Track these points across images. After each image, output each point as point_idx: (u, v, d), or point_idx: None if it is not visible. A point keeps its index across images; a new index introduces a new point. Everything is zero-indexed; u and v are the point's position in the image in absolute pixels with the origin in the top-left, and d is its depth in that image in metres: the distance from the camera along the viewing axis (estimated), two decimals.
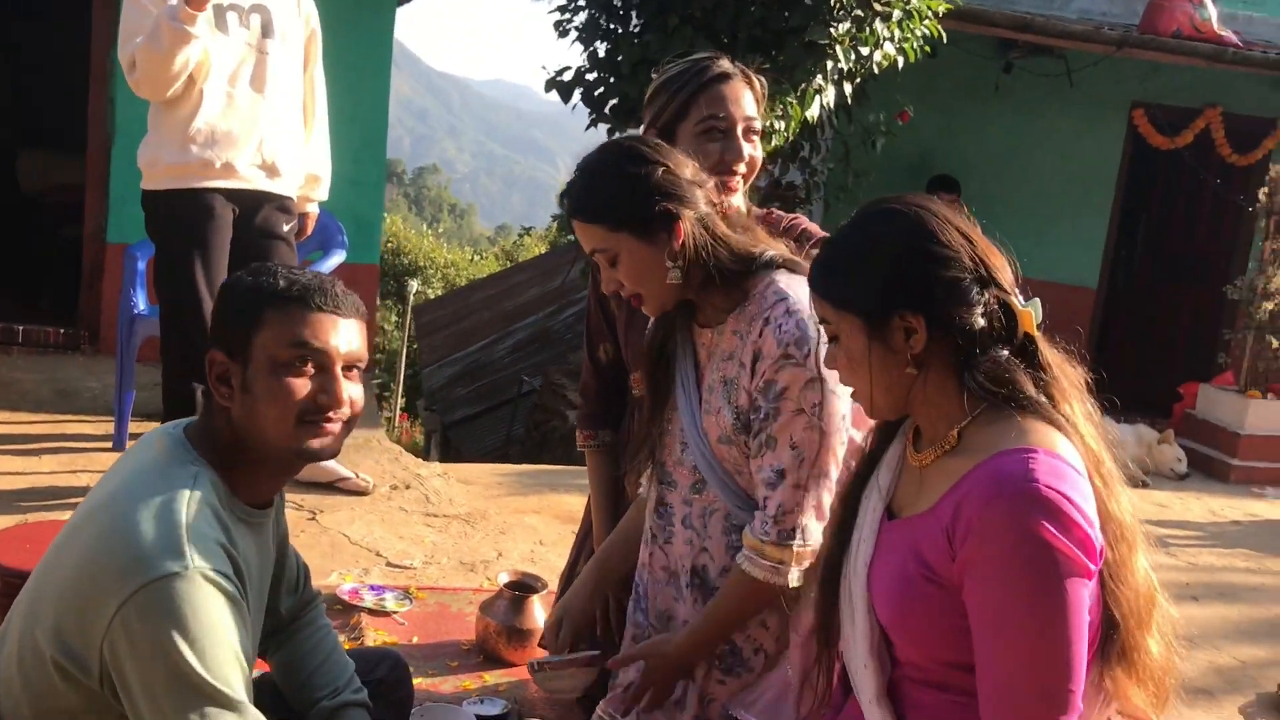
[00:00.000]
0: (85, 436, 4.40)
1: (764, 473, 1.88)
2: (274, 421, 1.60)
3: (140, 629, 1.45)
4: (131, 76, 3.40)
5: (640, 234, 1.87)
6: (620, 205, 1.87)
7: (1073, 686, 1.35)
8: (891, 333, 1.47)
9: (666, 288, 1.92)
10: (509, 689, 2.75)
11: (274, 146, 3.58)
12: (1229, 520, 5.36)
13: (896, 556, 1.50)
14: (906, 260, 1.47)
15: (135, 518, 1.50)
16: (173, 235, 3.52)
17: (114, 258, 5.24)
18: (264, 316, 1.60)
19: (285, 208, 3.69)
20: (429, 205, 74.60)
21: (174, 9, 3.24)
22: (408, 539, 3.73)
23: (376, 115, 5.80)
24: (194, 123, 3.44)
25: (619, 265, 1.90)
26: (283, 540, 1.90)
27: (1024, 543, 1.34)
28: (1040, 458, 1.38)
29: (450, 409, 11.19)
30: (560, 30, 5.93)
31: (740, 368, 1.91)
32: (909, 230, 1.49)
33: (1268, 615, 4.03)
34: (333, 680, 1.91)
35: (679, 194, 1.88)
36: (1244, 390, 6.34)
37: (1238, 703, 3.25)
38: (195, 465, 1.59)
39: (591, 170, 1.92)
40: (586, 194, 1.91)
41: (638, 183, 1.87)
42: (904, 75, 5.87)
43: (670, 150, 1.93)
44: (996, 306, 1.48)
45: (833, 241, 1.57)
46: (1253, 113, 7.76)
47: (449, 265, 27.69)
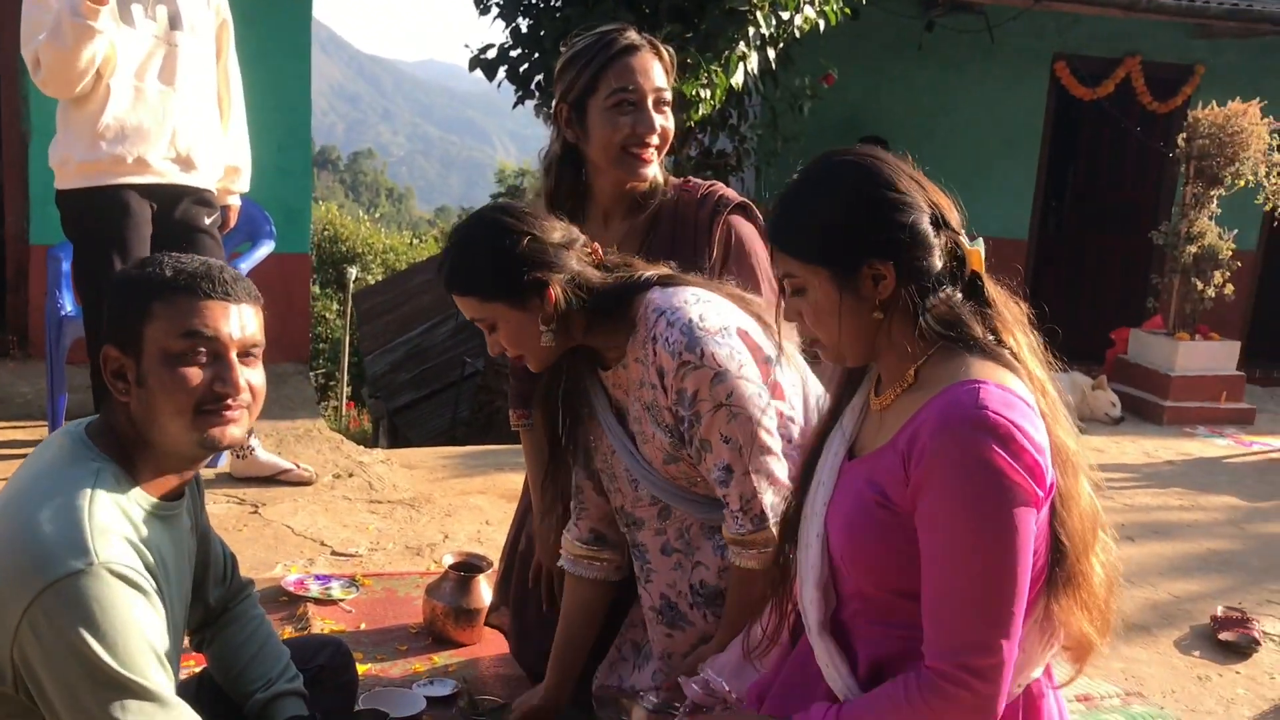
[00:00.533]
0: (19, 443, 4.33)
1: (713, 474, 1.94)
2: (171, 414, 1.59)
3: (48, 630, 1.43)
4: (37, 75, 3.33)
5: (512, 303, 1.93)
6: (490, 278, 1.93)
7: (1014, 609, 1.39)
8: (860, 281, 1.50)
9: (544, 348, 1.98)
10: (459, 669, 2.77)
11: (187, 139, 3.53)
12: (1163, 461, 5.49)
13: (854, 489, 1.54)
14: (868, 209, 1.50)
15: (36, 518, 1.48)
16: (89, 235, 3.47)
17: (38, 260, 5.14)
18: (152, 308, 1.59)
19: (205, 200, 3.64)
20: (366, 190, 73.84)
21: (75, 3, 3.17)
22: (352, 527, 3.72)
23: (300, 102, 5.73)
24: (102, 119, 3.38)
25: (498, 331, 1.97)
26: (204, 531, 1.89)
27: (974, 466, 1.38)
28: (990, 389, 1.43)
29: (395, 395, 11.14)
30: (482, 7, 5.89)
31: (653, 389, 1.96)
32: (866, 179, 1.51)
33: (1200, 550, 4.14)
34: (267, 671, 1.91)
35: (546, 260, 1.93)
36: (1173, 333, 6.48)
37: (1173, 636, 3.34)
38: (96, 461, 1.58)
39: (462, 245, 1.97)
40: (458, 269, 1.96)
41: (505, 255, 1.92)
42: (827, 38, 5.90)
43: (536, 216, 1.98)
44: (950, 247, 1.52)
45: (789, 196, 1.57)
46: (1171, 60, 7.88)
47: (388, 250, 27.44)
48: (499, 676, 2.73)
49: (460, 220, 2.05)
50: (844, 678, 1.57)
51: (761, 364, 1.93)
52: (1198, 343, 6.43)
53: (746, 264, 2.27)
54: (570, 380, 2.12)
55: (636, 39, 2.21)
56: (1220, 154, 6.12)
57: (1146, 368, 6.51)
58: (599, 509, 2.24)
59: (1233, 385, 6.49)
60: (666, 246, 2.26)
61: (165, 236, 3.53)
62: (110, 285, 1.66)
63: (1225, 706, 2.94)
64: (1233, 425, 6.32)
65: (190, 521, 1.78)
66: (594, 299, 1.96)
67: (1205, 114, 6.21)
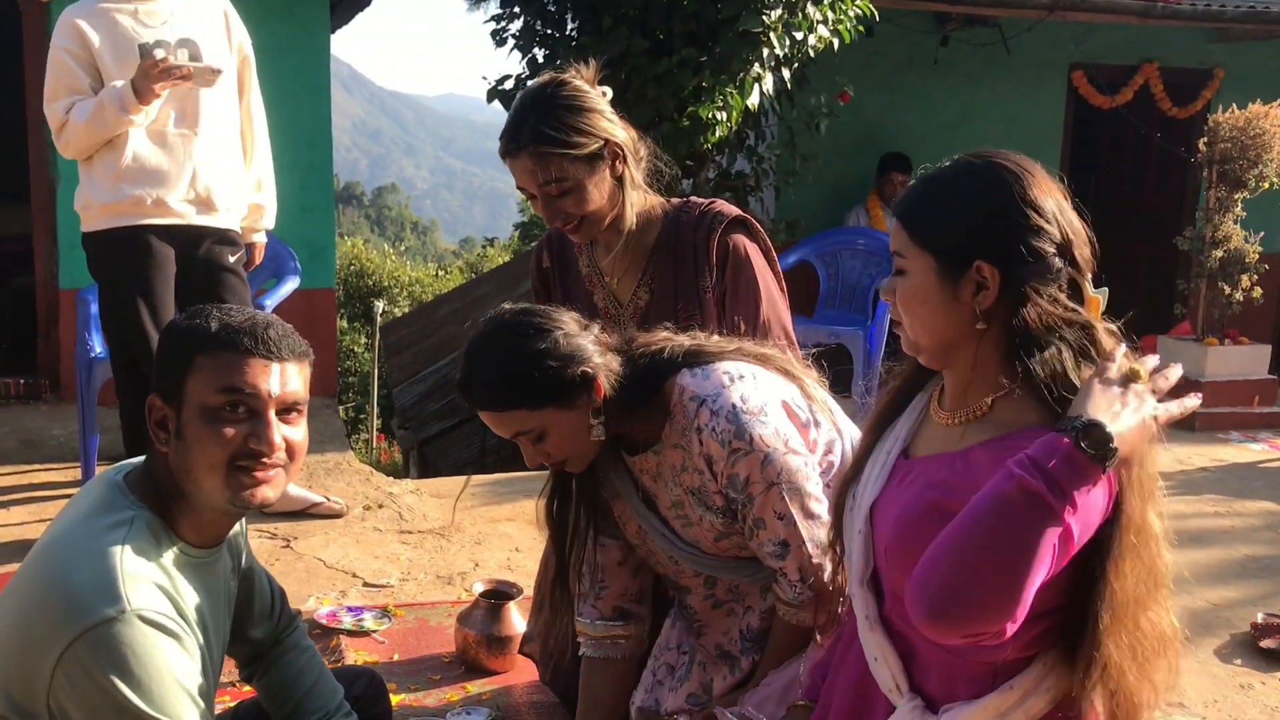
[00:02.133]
0: (53, 484, 4.38)
1: (767, 548, 1.95)
2: (206, 468, 1.59)
3: (83, 677, 1.44)
4: (59, 138, 3.48)
5: (562, 404, 1.88)
6: (538, 385, 1.86)
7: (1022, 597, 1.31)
8: (964, 282, 1.45)
9: (595, 443, 1.94)
10: (492, 697, 2.77)
11: (207, 181, 3.57)
12: (1196, 467, 5.43)
13: (912, 488, 1.51)
14: (1000, 215, 1.45)
15: (69, 566, 1.50)
16: (113, 275, 3.53)
17: (68, 304, 5.21)
18: (195, 361, 1.60)
19: (228, 239, 3.68)
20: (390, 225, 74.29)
21: (120, 98, 3.31)
22: (383, 558, 3.74)
23: (321, 138, 5.79)
24: (123, 161, 3.45)
25: (546, 440, 1.91)
26: (249, 569, 1.90)
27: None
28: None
29: (423, 426, 11.15)
30: (498, 39, 5.94)
31: (700, 474, 1.96)
32: (1008, 185, 1.46)
33: (1238, 557, 4.09)
34: (323, 704, 1.92)
35: (583, 354, 1.89)
36: (1201, 339, 6.41)
37: (1213, 645, 3.30)
38: (132, 509, 1.58)
39: (490, 357, 1.89)
40: (497, 384, 1.88)
41: (546, 356, 1.86)
42: (842, 56, 5.90)
43: (552, 310, 1.95)
44: (1066, 285, 1.46)
45: (929, 179, 1.54)
46: (1190, 65, 7.85)
47: (414, 283, 27.57)
48: (532, 704, 2.73)
49: (474, 335, 1.94)
50: (895, 673, 1.55)
51: (802, 430, 1.96)
52: (1227, 348, 6.37)
53: (744, 279, 2.27)
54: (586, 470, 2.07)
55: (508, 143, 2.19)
56: (1243, 157, 6.07)
57: None
58: (622, 585, 2.22)
59: (1265, 389, 6.41)
60: (668, 269, 2.27)
61: (190, 276, 3.58)
62: (160, 336, 1.69)
63: (1270, 715, 2.90)
64: (1267, 429, 6.24)
65: (231, 563, 1.79)
66: (629, 387, 1.94)
67: (1226, 117, 6.16)
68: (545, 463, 1.98)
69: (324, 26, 5.79)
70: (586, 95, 2.18)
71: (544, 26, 5.74)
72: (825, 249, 6.01)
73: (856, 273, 5.96)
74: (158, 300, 3.48)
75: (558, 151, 2.13)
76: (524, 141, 2.15)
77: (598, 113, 2.18)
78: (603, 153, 2.17)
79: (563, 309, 1.98)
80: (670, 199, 2.37)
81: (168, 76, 3.30)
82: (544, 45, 5.75)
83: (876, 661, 1.58)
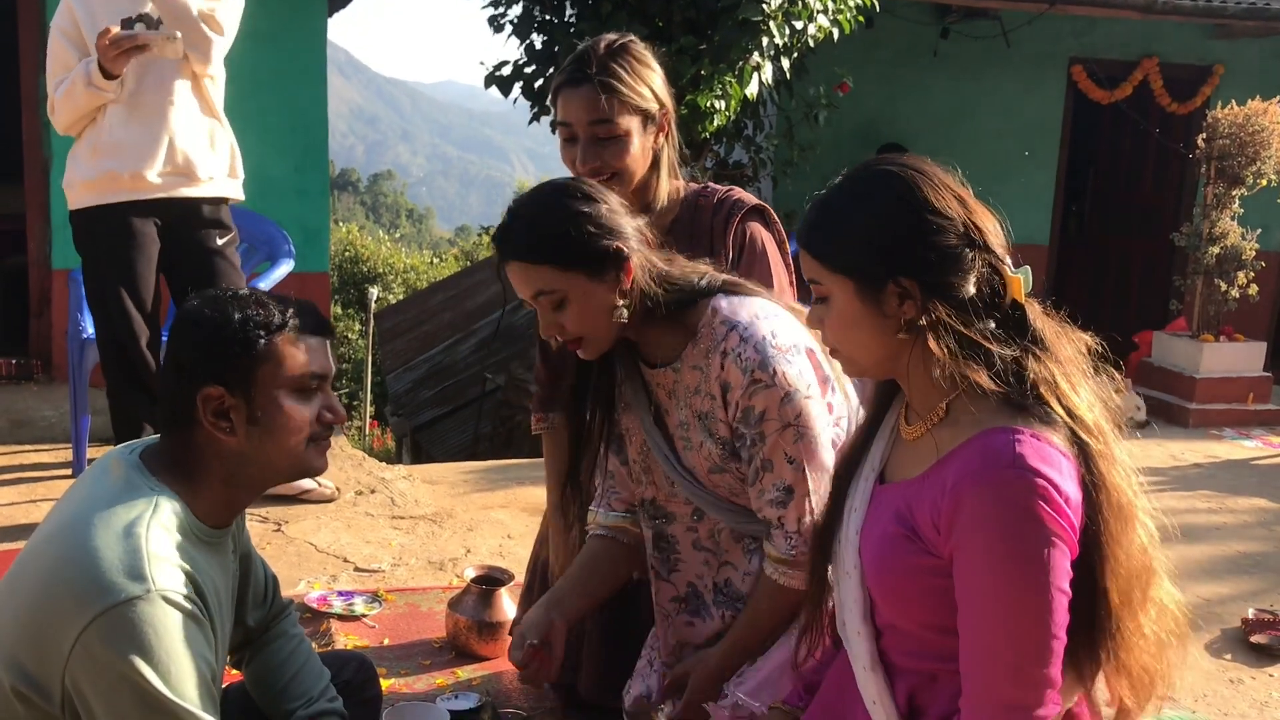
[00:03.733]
0: (44, 465, 4.36)
1: (769, 494, 1.89)
2: (288, 448, 1.65)
3: (103, 654, 1.44)
4: (51, 116, 3.51)
5: (591, 273, 1.83)
6: (571, 244, 1.82)
7: (1053, 668, 1.36)
8: (885, 297, 1.46)
9: (612, 328, 1.89)
10: (482, 682, 2.76)
11: (185, 150, 3.53)
12: (1190, 463, 5.44)
13: (884, 518, 1.52)
14: (900, 224, 1.46)
15: (94, 543, 1.50)
16: (95, 254, 3.53)
17: (60, 284, 5.19)
18: (265, 349, 1.61)
19: (218, 221, 3.65)
20: (386, 212, 74.20)
21: (88, 73, 3.33)
22: (375, 543, 3.72)
23: (316, 123, 5.76)
24: (101, 136, 3.45)
25: (566, 308, 1.85)
26: (245, 554, 1.90)
27: (1014, 525, 1.35)
28: (1026, 439, 1.38)
29: (417, 412, 11.16)
30: (495, 25, 5.92)
31: (711, 400, 1.91)
32: (902, 192, 1.47)
33: (1230, 553, 4.09)
34: (307, 690, 1.91)
35: (624, 231, 1.85)
36: (1197, 335, 6.42)
37: (1204, 640, 3.30)
38: (154, 490, 1.59)
39: (533, 209, 1.86)
40: (531, 234, 1.83)
41: (587, 220, 1.83)
42: (841, 47, 5.89)
43: (604, 189, 1.91)
44: (987, 272, 1.47)
45: (825, 201, 1.54)
46: (1190, 60, 7.84)
47: (409, 270, 27.58)
48: (523, 689, 2.72)
49: (522, 193, 1.93)
50: (890, 717, 1.54)
51: (822, 384, 1.91)
52: (1222, 344, 6.38)
53: (758, 269, 2.25)
54: (605, 374, 2.05)
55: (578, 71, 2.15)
56: (1241, 153, 6.07)
57: (1171, 370, 6.46)
58: (630, 491, 2.19)
59: (1259, 386, 6.42)
60: (683, 252, 2.25)
61: (179, 260, 3.56)
62: (196, 325, 1.63)
63: (1259, 710, 2.90)
64: (1260, 426, 6.25)
65: (233, 545, 1.79)
66: (664, 291, 1.89)
67: (1225, 114, 6.16)
68: (559, 337, 1.91)
69: (321, 10, 5.75)
70: (652, 58, 2.21)
71: (542, 12, 5.72)
72: None
73: None
74: (139, 280, 3.48)
75: (621, 93, 2.12)
76: (594, 72, 2.12)
77: (661, 76, 2.21)
78: (655, 116, 2.18)
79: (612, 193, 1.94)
80: (689, 182, 2.36)
81: (119, 48, 3.28)
82: (542, 31, 5.73)
83: (875, 705, 1.56)
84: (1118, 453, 1.47)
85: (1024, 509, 1.35)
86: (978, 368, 1.43)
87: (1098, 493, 1.41)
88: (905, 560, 1.46)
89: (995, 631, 1.37)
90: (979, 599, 1.38)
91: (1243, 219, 6.26)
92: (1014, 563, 1.35)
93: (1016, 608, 1.35)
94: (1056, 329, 1.51)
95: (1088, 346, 1.52)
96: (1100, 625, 1.42)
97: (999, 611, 1.36)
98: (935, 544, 1.43)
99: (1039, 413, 1.43)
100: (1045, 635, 1.35)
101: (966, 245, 1.45)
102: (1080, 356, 1.51)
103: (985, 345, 1.43)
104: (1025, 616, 1.35)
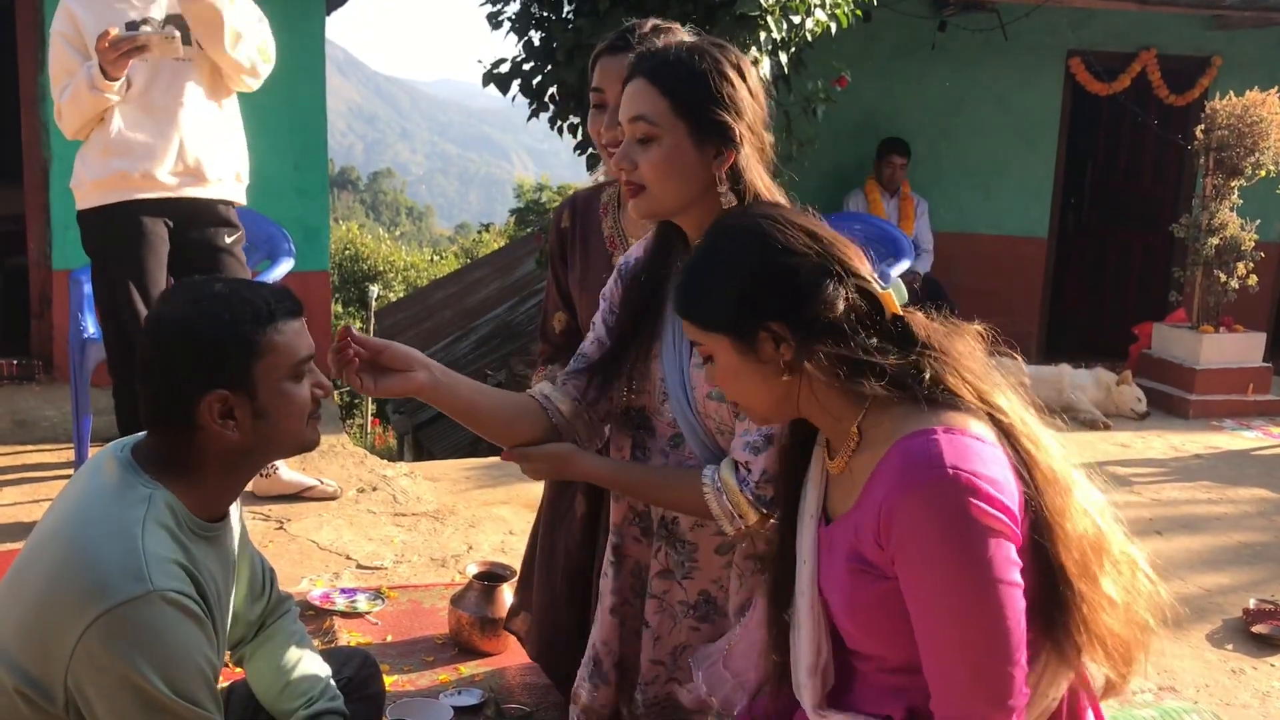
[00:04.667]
0: (46, 465, 4.38)
1: (750, 436, 1.85)
2: (291, 431, 1.68)
3: (104, 655, 1.45)
4: (58, 120, 3.50)
5: (698, 133, 1.78)
6: (699, 91, 1.76)
7: (1016, 667, 1.36)
8: (761, 345, 1.50)
9: (678, 195, 1.81)
10: (485, 678, 2.77)
11: (196, 152, 3.55)
12: (1190, 454, 5.44)
13: (838, 559, 1.52)
14: (758, 273, 1.50)
15: (92, 544, 1.50)
16: (104, 254, 3.53)
17: (60, 284, 5.20)
18: (260, 343, 1.61)
19: (226, 220, 3.66)
20: (386, 210, 74.23)
21: (90, 75, 3.33)
22: (377, 540, 3.73)
23: (315, 122, 5.77)
24: (111, 136, 3.45)
25: (651, 148, 1.79)
26: (242, 544, 1.90)
27: (948, 527, 1.35)
28: (940, 437, 1.39)
29: (418, 410, 11.15)
30: (494, 22, 5.91)
31: None
32: (755, 243, 1.51)
33: (1231, 543, 4.10)
34: (308, 688, 1.91)
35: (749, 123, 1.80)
36: (1197, 326, 6.42)
37: (1205, 630, 3.31)
38: (148, 487, 1.59)
39: (689, 48, 1.80)
40: (670, 63, 1.78)
41: (729, 86, 1.77)
42: (840, 41, 5.88)
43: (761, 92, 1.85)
44: (856, 296, 1.49)
45: (689, 266, 1.58)
46: (1188, 52, 7.83)
47: (409, 268, 27.61)
48: (525, 685, 2.74)
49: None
50: None
51: None
52: (1222, 335, 6.37)
53: None
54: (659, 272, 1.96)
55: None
56: (1239, 144, 6.06)
57: (1171, 362, 6.45)
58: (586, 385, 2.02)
59: (1259, 377, 6.42)
60: None
61: (187, 258, 3.56)
62: (181, 334, 1.61)
63: (1261, 699, 2.91)
64: (1260, 417, 6.25)
65: (232, 535, 1.80)
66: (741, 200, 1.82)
67: (1223, 105, 6.15)
68: (626, 174, 1.82)
69: (319, 9, 5.76)
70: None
71: (540, 9, 5.71)
72: None
73: None
74: (149, 279, 3.47)
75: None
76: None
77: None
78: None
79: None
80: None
81: (119, 50, 3.28)
82: (540, 28, 5.72)
83: None
84: (1038, 427, 1.48)
85: (952, 509, 1.34)
86: (870, 381, 1.45)
87: (1030, 470, 1.42)
88: (868, 592, 1.45)
89: (949, 636, 1.37)
90: (927, 606, 1.38)
91: (1241, 210, 6.26)
92: (953, 564, 1.35)
93: (965, 609, 1.35)
94: (946, 329, 1.53)
95: (980, 334, 1.54)
96: (1064, 601, 1.41)
97: (948, 615, 1.36)
98: (885, 565, 1.42)
99: (951, 405, 1.44)
100: (1000, 631, 1.35)
101: (825, 276, 1.48)
102: (977, 346, 1.53)
103: (871, 360, 1.46)
104: (975, 616, 1.35)
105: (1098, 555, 1.45)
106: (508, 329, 10.86)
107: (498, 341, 10.61)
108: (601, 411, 2.05)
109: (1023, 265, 7.73)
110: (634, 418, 2.08)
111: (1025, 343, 7.56)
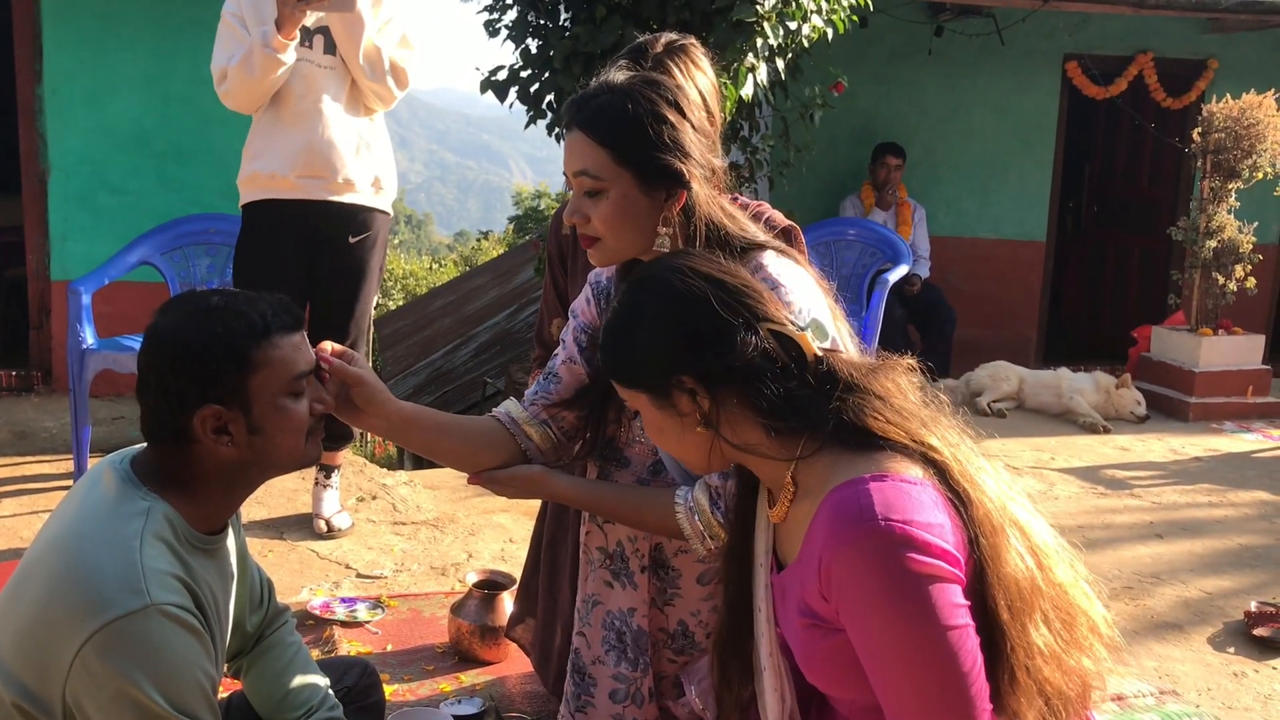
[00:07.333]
0: (45, 476, 4.37)
1: None
2: (289, 448, 1.66)
3: (101, 669, 1.44)
4: (221, 88, 3.58)
5: (643, 181, 1.76)
6: (638, 140, 1.74)
7: (978, 709, 1.33)
8: (677, 399, 1.49)
9: (633, 244, 1.80)
10: (485, 687, 2.76)
11: (329, 156, 3.60)
12: (1190, 457, 5.44)
13: (791, 611, 1.50)
14: (662, 327, 1.50)
15: (89, 558, 1.50)
16: (242, 248, 3.71)
17: (59, 295, 5.18)
18: (254, 357, 1.59)
19: (360, 224, 3.73)
20: None
21: (266, 36, 3.41)
22: (377, 549, 3.73)
23: None
24: (253, 139, 3.61)
25: (600, 200, 1.78)
26: (241, 555, 1.90)
27: (887, 580, 1.32)
28: (870, 487, 1.36)
29: None
30: (490, 30, 5.91)
31: None
32: (658, 297, 1.51)
33: (1231, 546, 4.09)
34: (307, 699, 1.91)
35: (696, 162, 1.77)
36: (1195, 329, 6.42)
37: (1206, 633, 3.30)
38: (146, 500, 1.58)
39: (622, 92, 1.77)
40: (606, 112, 1.75)
41: (663, 124, 1.75)
42: (836, 47, 5.89)
43: (702, 106, 1.84)
44: (772, 341, 1.47)
45: (608, 327, 1.58)
46: (1184, 55, 7.84)
47: (408, 276, 27.60)
48: (526, 694, 2.73)
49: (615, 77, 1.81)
50: None
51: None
52: (1221, 338, 6.37)
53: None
54: None
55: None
56: (1237, 147, 6.07)
57: (1170, 365, 6.45)
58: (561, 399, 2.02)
59: (1258, 379, 6.42)
60: None
61: (319, 260, 3.67)
62: (185, 345, 1.59)
63: (1263, 703, 2.90)
64: (1260, 419, 6.25)
65: (231, 546, 1.79)
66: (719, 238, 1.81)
67: (1220, 107, 6.16)
68: (579, 227, 1.81)
69: None
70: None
71: (537, 17, 5.72)
72: (819, 240, 6.00)
73: (850, 263, 5.95)
74: (279, 277, 3.53)
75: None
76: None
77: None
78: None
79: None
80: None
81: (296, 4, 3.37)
82: (537, 36, 5.72)
83: None
84: (973, 464, 1.45)
85: (888, 562, 1.31)
86: (795, 428, 1.44)
87: (966, 508, 1.39)
88: (822, 646, 1.43)
89: (903, 690, 1.34)
90: (879, 661, 1.35)
91: (1239, 212, 6.26)
92: (896, 618, 1.31)
93: (913, 660, 1.32)
94: (871, 365, 1.52)
95: (911, 368, 1.52)
96: (996, 645, 1.37)
97: (900, 670, 1.33)
98: (832, 618, 1.40)
99: (882, 447, 1.42)
100: (954, 677, 1.31)
101: (732, 325, 1.46)
102: (906, 381, 1.51)
103: (791, 407, 1.44)
104: (925, 666, 1.32)
105: (1028, 600, 1.39)
106: (506, 336, 10.87)
107: (497, 349, 10.61)
108: (569, 427, 2.03)
109: (1021, 269, 7.73)
110: (601, 449, 2.06)
111: (1024, 347, 7.57)
